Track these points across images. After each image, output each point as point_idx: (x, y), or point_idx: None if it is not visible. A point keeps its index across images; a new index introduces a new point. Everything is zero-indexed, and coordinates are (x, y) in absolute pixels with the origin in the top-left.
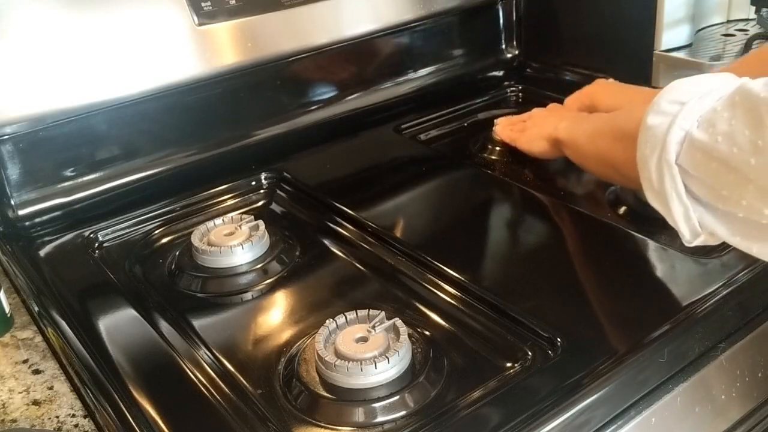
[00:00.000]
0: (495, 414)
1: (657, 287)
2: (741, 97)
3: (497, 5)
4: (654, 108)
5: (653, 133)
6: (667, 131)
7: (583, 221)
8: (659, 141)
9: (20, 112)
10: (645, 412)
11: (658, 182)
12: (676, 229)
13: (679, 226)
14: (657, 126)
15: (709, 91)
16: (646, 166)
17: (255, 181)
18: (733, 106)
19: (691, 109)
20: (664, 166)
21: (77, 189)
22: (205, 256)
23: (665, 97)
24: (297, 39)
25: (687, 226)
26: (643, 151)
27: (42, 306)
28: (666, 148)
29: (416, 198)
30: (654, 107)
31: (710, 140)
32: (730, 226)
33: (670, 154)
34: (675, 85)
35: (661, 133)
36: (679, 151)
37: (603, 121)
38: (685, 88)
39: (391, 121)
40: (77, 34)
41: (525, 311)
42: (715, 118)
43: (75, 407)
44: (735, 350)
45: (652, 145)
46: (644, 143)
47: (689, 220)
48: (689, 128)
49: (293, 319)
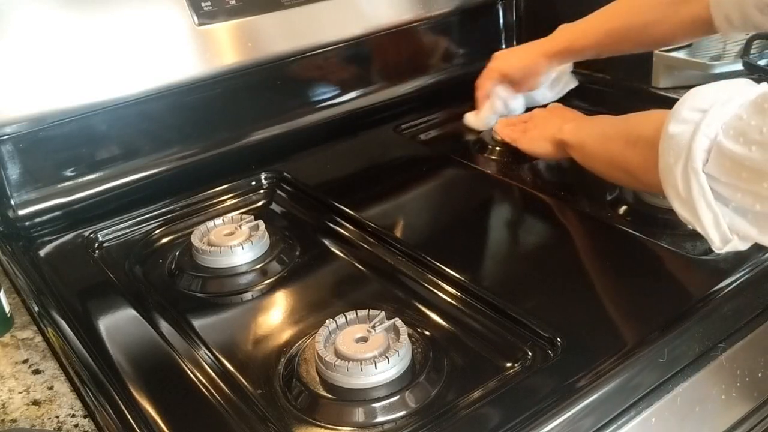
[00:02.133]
0: (495, 414)
1: (657, 287)
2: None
3: (497, 5)
4: (675, 116)
5: (676, 142)
6: (692, 139)
7: (583, 221)
8: (683, 149)
9: (20, 112)
10: (645, 412)
11: (685, 191)
12: (706, 236)
13: (709, 233)
14: (680, 134)
15: (729, 98)
16: (671, 174)
17: (255, 181)
18: (762, 112)
19: (713, 117)
20: (691, 174)
21: (77, 189)
22: (205, 256)
23: (686, 104)
24: (297, 39)
25: (717, 232)
26: (667, 159)
27: (42, 306)
28: (692, 157)
29: (416, 198)
30: (675, 115)
31: (742, 150)
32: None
33: (696, 162)
34: (695, 92)
35: (685, 142)
36: (706, 159)
37: (612, 125)
38: (704, 96)
39: (391, 121)
40: (77, 34)
41: (525, 311)
42: (744, 127)
43: (75, 407)
44: (735, 350)
45: (676, 153)
46: (667, 151)
47: (719, 227)
48: (715, 136)
49: (293, 319)
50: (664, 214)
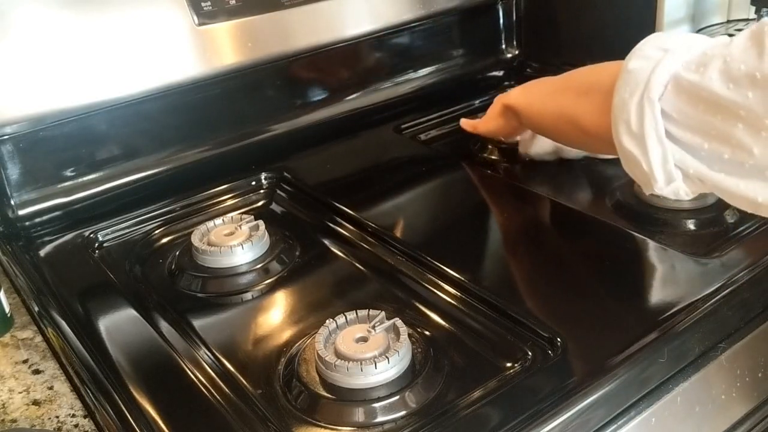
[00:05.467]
0: (495, 414)
1: (657, 287)
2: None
3: (497, 5)
4: (636, 53)
5: (635, 76)
6: (651, 72)
7: (584, 221)
8: (641, 82)
9: (20, 112)
10: (645, 412)
11: (638, 123)
12: (650, 174)
13: (654, 169)
14: (639, 69)
15: (695, 43)
16: (624, 108)
17: (255, 181)
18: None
19: (677, 54)
20: (646, 104)
21: (77, 189)
22: (205, 256)
23: (649, 43)
24: (297, 39)
25: (663, 170)
26: (622, 94)
27: (42, 306)
28: (649, 87)
29: (416, 198)
30: (636, 53)
31: (701, 79)
32: (713, 166)
33: (653, 92)
34: (659, 34)
35: (644, 75)
36: (662, 93)
37: (562, 80)
38: (670, 37)
39: (391, 121)
40: (77, 34)
41: (525, 311)
42: (707, 60)
43: (75, 407)
44: (735, 350)
45: (633, 87)
46: (624, 86)
47: (666, 164)
48: (675, 71)
49: (293, 319)
50: (664, 213)
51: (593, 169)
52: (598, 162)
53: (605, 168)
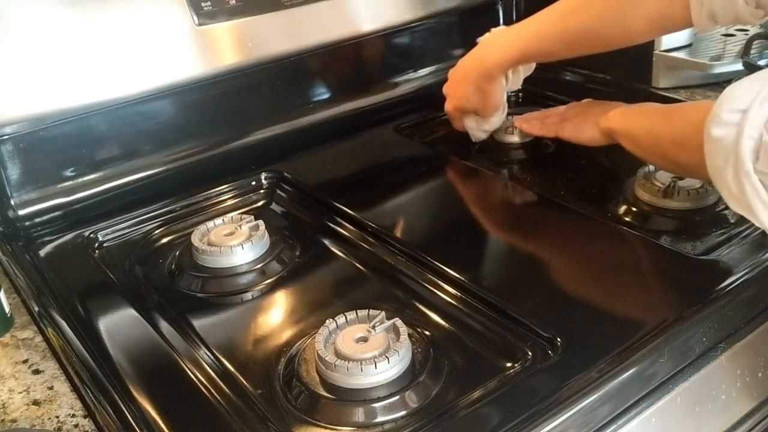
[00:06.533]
0: (495, 414)
1: (657, 287)
2: None
3: (497, 5)
4: (715, 119)
5: (722, 146)
6: (737, 142)
7: (584, 221)
8: (731, 153)
9: (20, 112)
10: (645, 412)
11: (739, 192)
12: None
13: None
14: (724, 137)
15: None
16: (722, 176)
17: (255, 181)
18: None
19: (755, 116)
20: (743, 176)
21: (77, 189)
22: (205, 256)
23: (724, 106)
24: (297, 39)
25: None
26: (715, 162)
27: (42, 306)
28: (740, 159)
29: (416, 198)
30: (715, 118)
31: None
32: None
33: (746, 164)
34: (729, 93)
35: (731, 145)
36: (755, 160)
37: (658, 118)
38: (741, 95)
39: (391, 121)
40: (77, 34)
41: (525, 311)
42: None
43: (75, 407)
44: (735, 350)
45: (724, 157)
46: (714, 155)
47: None
48: (760, 136)
49: (293, 319)
50: (664, 214)
51: (594, 169)
52: (598, 163)
53: (606, 168)
